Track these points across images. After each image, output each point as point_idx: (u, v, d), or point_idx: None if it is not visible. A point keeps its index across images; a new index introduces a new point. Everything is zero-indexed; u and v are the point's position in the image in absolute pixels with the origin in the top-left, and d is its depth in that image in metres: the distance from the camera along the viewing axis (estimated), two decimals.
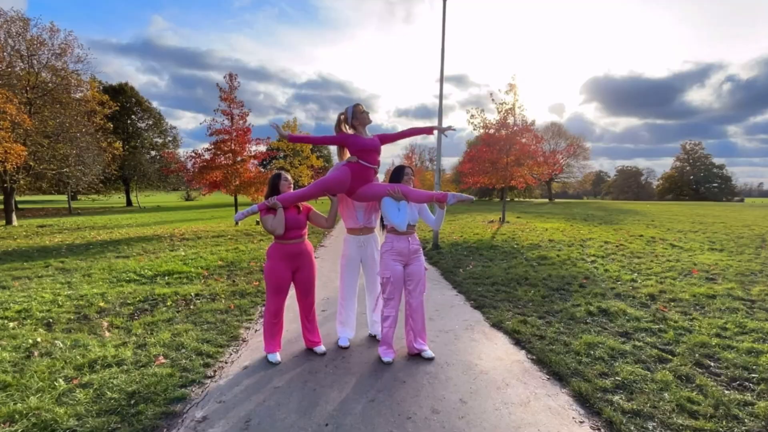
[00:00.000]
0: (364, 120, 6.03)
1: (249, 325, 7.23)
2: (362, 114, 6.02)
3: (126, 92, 64.49)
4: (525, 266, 11.77)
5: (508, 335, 6.69)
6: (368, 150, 5.89)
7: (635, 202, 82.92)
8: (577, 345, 6.05)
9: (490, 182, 25.58)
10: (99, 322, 7.24)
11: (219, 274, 11.06)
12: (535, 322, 7.14)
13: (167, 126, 71.05)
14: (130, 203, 68.18)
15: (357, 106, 6.06)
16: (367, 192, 5.91)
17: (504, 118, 25.02)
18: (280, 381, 5.24)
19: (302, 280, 5.92)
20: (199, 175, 23.58)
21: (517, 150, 24.35)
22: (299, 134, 6.32)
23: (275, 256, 5.74)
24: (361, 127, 6.04)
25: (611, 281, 9.94)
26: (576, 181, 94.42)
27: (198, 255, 13.81)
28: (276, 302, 5.80)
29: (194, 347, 6.07)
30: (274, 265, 5.73)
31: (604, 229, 21.60)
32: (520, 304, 8.23)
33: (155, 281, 10.31)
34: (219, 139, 24.15)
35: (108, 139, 42.69)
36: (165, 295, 8.93)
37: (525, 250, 14.62)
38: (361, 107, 6.06)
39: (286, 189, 5.84)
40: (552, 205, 56.86)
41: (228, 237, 19.10)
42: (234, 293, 9.17)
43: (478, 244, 16.19)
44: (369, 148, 5.90)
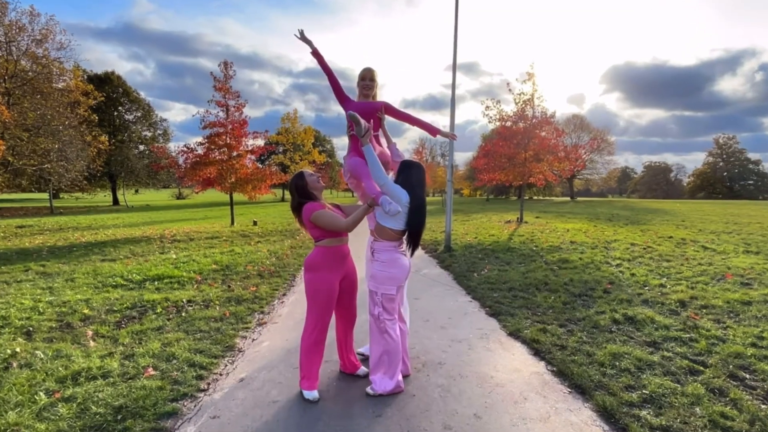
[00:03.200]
0: (361, 90, 5.99)
1: (246, 334, 7.24)
2: (361, 81, 5.96)
3: (112, 82, 64.56)
4: (544, 270, 11.75)
5: (527, 345, 6.69)
6: (362, 114, 5.67)
7: (664, 200, 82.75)
8: (601, 355, 6.04)
9: (506, 179, 25.55)
10: (83, 331, 7.25)
11: (213, 279, 11.06)
12: (556, 330, 7.14)
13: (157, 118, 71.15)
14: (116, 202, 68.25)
15: (363, 70, 5.98)
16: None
17: (522, 109, 25.01)
18: (280, 395, 5.23)
19: (348, 288, 5.50)
20: (192, 172, 23.54)
21: (536, 144, 24.32)
22: (324, 59, 6.07)
23: (324, 265, 5.21)
24: (361, 96, 6.01)
25: (638, 286, 9.90)
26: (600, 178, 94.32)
27: (190, 258, 13.83)
28: (325, 323, 5.22)
29: (186, 358, 6.07)
30: (324, 276, 5.19)
31: (631, 230, 21.55)
32: (540, 311, 8.23)
33: (144, 286, 10.32)
34: (213, 132, 24.16)
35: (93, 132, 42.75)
36: (154, 301, 8.94)
37: (544, 252, 14.60)
38: (364, 74, 5.96)
39: (318, 185, 5.36)
40: (574, 204, 56.74)
41: (223, 238, 19.14)
42: (229, 300, 9.16)
43: (493, 246, 16.17)
44: (362, 112, 5.74)
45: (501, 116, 25.55)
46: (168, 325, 7.52)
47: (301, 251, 15.28)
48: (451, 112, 15.55)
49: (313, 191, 5.30)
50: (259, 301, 9.07)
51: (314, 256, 5.22)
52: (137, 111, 68.35)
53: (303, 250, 15.56)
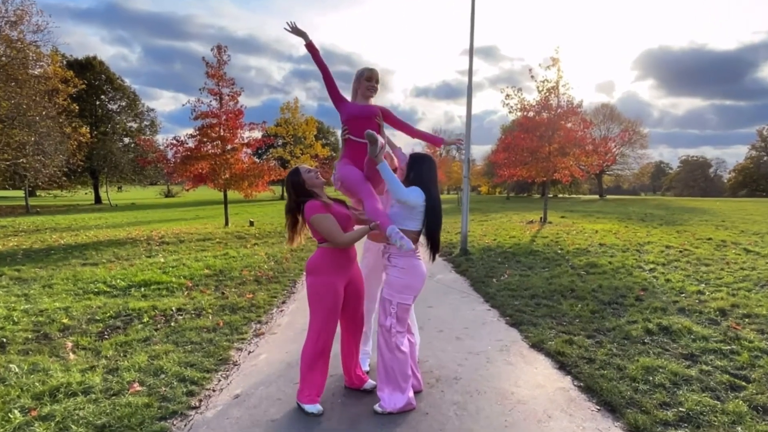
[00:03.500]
0: (363, 91, 5.97)
1: (241, 346, 7.26)
2: (366, 82, 5.97)
3: (94, 68, 64.71)
4: (570, 275, 11.76)
5: (551, 358, 6.69)
6: (359, 117, 5.79)
7: (702, 198, 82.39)
8: (633, 369, 6.03)
9: (528, 175, 25.55)
10: (62, 342, 7.28)
11: (205, 285, 11.11)
12: (583, 342, 7.13)
13: (143, 108, 71.32)
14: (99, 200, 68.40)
15: (369, 71, 5.97)
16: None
17: (545, 98, 25.00)
18: (279, 413, 5.23)
19: (354, 295, 5.48)
20: (182, 167, 23.53)
21: (561, 136, 24.29)
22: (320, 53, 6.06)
23: (328, 268, 5.19)
24: (362, 97, 5.99)
25: (674, 293, 9.88)
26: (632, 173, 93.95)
27: (180, 262, 13.88)
28: (330, 331, 5.19)
29: (176, 372, 6.08)
30: (328, 280, 5.15)
31: (665, 231, 21.51)
32: (565, 321, 8.23)
33: (129, 293, 10.35)
34: (205, 123, 24.19)
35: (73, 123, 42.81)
36: (141, 309, 8.95)
37: (571, 256, 14.60)
38: (370, 75, 5.96)
39: (316, 182, 5.30)
40: (603, 203, 56.65)
41: (216, 240, 19.21)
42: (223, 308, 9.19)
43: (514, 249, 16.19)
44: (360, 116, 5.79)
45: (522, 106, 25.52)
46: (155, 336, 7.53)
47: (302, 254, 15.31)
48: (468, 101, 15.55)
49: (312, 189, 5.27)
50: (256, 310, 9.09)
51: (317, 258, 5.19)
52: (122, 100, 68.54)
53: (304, 253, 15.57)
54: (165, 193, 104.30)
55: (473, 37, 15.55)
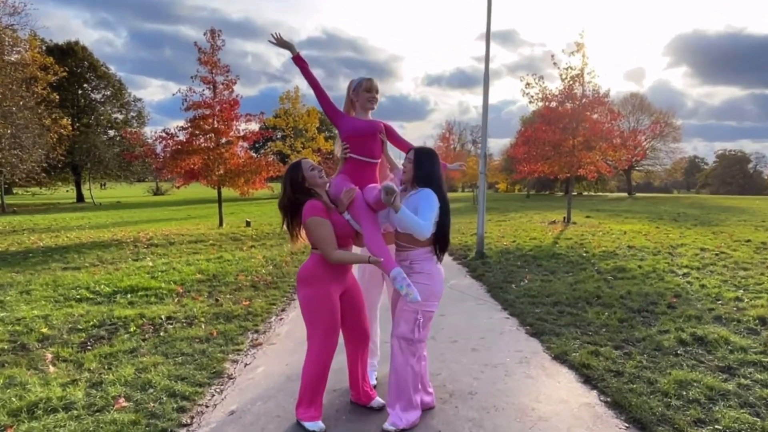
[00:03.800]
0: (363, 103, 5.92)
1: (237, 358, 7.27)
2: (366, 93, 5.91)
3: (76, 54, 64.84)
4: (597, 281, 11.75)
5: (575, 371, 6.68)
6: (362, 135, 5.76)
7: (740, 197, 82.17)
8: (664, 383, 6.03)
9: (551, 171, 25.51)
10: (41, 354, 7.28)
11: (198, 292, 11.14)
12: (610, 353, 7.12)
13: (130, 98, 71.51)
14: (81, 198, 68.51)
15: (368, 81, 5.91)
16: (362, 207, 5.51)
17: (569, 87, 24.97)
18: (277, 430, 5.22)
19: (352, 304, 5.43)
20: (172, 162, 23.56)
21: (586, 129, 24.25)
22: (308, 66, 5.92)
23: (322, 276, 5.13)
24: (361, 110, 5.95)
25: (709, 300, 9.88)
26: (663, 169, 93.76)
27: (170, 266, 13.91)
28: (332, 345, 5.13)
29: (165, 386, 6.07)
30: (322, 291, 5.10)
31: (700, 232, 21.49)
32: (591, 331, 8.23)
33: (114, 300, 10.39)
34: (197, 114, 24.23)
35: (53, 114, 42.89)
36: (127, 318, 8.96)
37: (597, 259, 14.60)
38: (370, 85, 5.91)
39: (319, 181, 5.21)
40: (632, 201, 56.51)
41: (209, 242, 19.27)
42: (217, 316, 9.21)
43: (535, 252, 16.20)
44: (363, 133, 5.77)
45: (544, 95, 25.49)
46: (143, 347, 7.53)
47: (304, 257, 15.20)
48: (484, 90, 15.54)
49: (313, 188, 5.20)
50: (253, 318, 9.10)
51: (310, 266, 5.17)
52: (106, 89, 68.66)
53: (306, 256, 15.24)
54: (153, 191, 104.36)
55: (490, 21, 15.53)
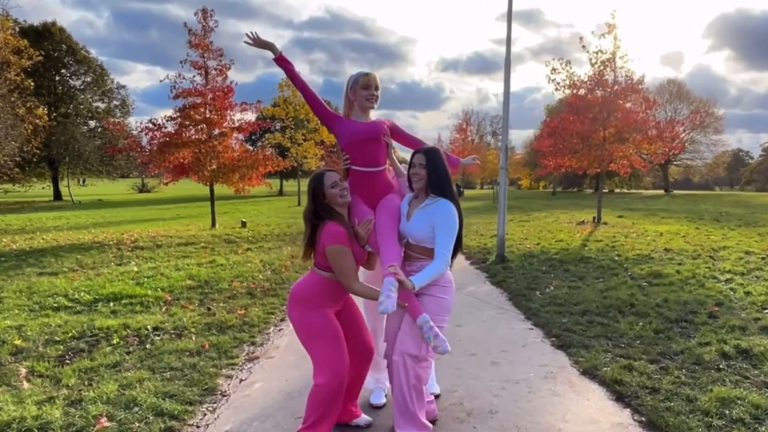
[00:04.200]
0: (361, 102, 5.68)
1: (231, 373, 7.26)
2: (363, 91, 5.66)
3: (54, 36, 64.90)
4: (630, 287, 11.73)
5: (606, 387, 6.67)
6: (363, 141, 5.59)
7: None
8: (705, 401, 6.02)
9: (579, 166, 25.49)
10: (14, 369, 7.27)
11: (188, 299, 11.16)
12: (645, 368, 7.10)
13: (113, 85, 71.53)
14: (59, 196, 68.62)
15: (365, 76, 5.67)
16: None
17: (599, 72, 24.92)
18: None
19: (350, 319, 5.42)
20: (159, 156, 23.50)
21: (618, 119, 24.23)
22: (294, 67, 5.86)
23: (320, 300, 5.13)
24: (360, 110, 5.74)
25: (755, 309, 9.85)
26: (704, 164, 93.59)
27: (157, 271, 13.95)
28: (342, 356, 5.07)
29: (152, 404, 6.05)
30: (319, 311, 5.09)
31: (745, 233, 21.45)
32: (623, 343, 8.21)
33: (95, 309, 10.40)
34: (188, 103, 24.23)
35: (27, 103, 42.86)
36: (109, 328, 8.95)
37: (630, 263, 14.59)
38: (367, 81, 5.66)
39: (339, 201, 5.13)
40: (669, 199, 56.41)
41: (200, 245, 19.33)
42: (209, 327, 9.21)
43: (562, 255, 16.22)
44: (364, 138, 5.59)
45: (572, 82, 25.47)
46: (128, 361, 7.52)
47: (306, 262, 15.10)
48: (506, 76, 15.55)
49: (333, 206, 5.13)
50: (249, 329, 9.10)
51: (309, 285, 5.16)
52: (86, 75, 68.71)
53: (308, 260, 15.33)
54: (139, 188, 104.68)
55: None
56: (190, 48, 24.69)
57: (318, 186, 5.07)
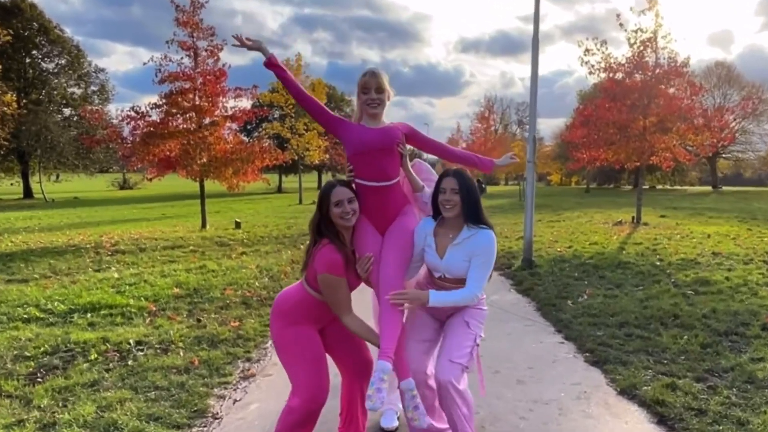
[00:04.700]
0: (362, 107, 5.47)
1: (224, 392, 7.26)
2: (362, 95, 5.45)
3: (23, 13, 64.92)
4: (673, 296, 11.72)
5: (647, 408, 6.66)
6: (370, 151, 5.31)
7: None
8: (758, 424, 6.00)
9: (616, 159, 25.46)
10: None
11: (175, 310, 11.16)
12: (691, 386, 7.08)
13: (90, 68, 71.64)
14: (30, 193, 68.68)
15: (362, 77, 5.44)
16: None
17: (639, 54, 24.87)
18: None
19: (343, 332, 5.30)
20: (143, 148, 23.48)
21: (660, 106, 24.17)
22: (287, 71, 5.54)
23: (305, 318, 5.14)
24: (366, 116, 5.50)
25: None
26: (757, 157, 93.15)
27: (140, 278, 13.96)
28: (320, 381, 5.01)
29: (134, 428, 6.05)
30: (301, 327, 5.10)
31: None
32: (666, 358, 8.20)
33: (70, 321, 10.39)
34: (175, 88, 24.19)
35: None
36: (87, 343, 8.94)
37: (673, 269, 14.57)
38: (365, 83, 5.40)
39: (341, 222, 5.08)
40: (717, 196, 56.30)
41: (189, 249, 19.38)
42: (199, 340, 9.20)
43: (596, 260, 16.21)
44: (371, 147, 5.31)
45: (608, 64, 25.42)
46: (107, 379, 7.51)
47: None
48: (533, 58, 15.55)
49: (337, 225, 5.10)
50: (244, 343, 9.10)
51: (295, 300, 5.16)
52: (60, 57, 68.82)
53: None
54: (120, 184, 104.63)
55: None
56: (177, 26, 24.68)
57: (326, 193, 5.05)
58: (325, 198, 5.02)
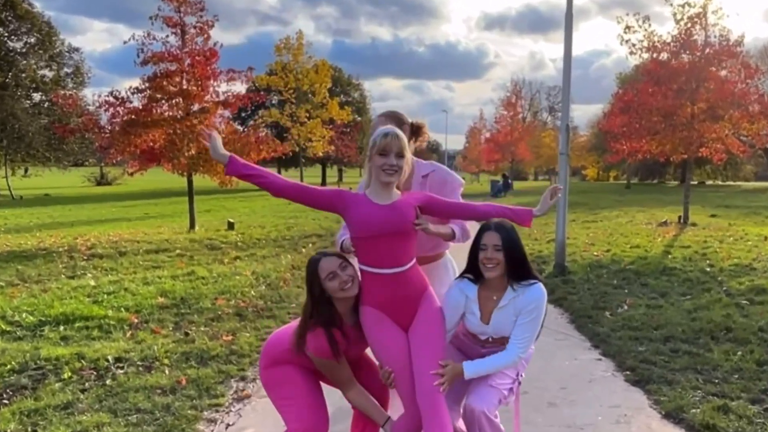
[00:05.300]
0: (376, 174, 4.86)
1: (215, 416, 7.24)
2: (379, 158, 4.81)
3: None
4: (726, 306, 11.67)
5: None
6: (377, 236, 4.81)
7: None
8: None
9: (660, 151, 25.42)
10: None
11: (159, 322, 11.15)
12: (745, 409, 7.03)
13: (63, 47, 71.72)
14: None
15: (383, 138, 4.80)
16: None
17: (687, 31, 24.82)
18: None
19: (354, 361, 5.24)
20: (123, 138, 23.38)
21: (711, 91, 24.10)
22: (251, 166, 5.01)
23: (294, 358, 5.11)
24: (378, 184, 4.91)
25: None
26: None
27: (120, 286, 13.92)
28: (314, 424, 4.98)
29: None
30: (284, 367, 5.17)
31: None
32: (717, 377, 8.16)
33: (41, 334, 10.36)
34: (159, 71, 24.15)
35: None
36: (59, 359, 8.88)
37: (726, 276, 14.56)
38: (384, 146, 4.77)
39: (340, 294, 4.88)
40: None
41: (176, 252, 19.43)
42: (187, 357, 9.18)
43: (638, 266, 16.19)
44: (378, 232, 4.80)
45: (651, 43, 25.37)
46: (82, 401, 7.46)
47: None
48: (566, 36, 15.55)
49: (335, 296, 4.90)
50: (238, 360, 9.07)
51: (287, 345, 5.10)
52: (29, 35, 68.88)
53: None
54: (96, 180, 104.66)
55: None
56: (161, 1, 24.66)
57: (311, 276, 4.90)
58: (314, 277, 4.86)
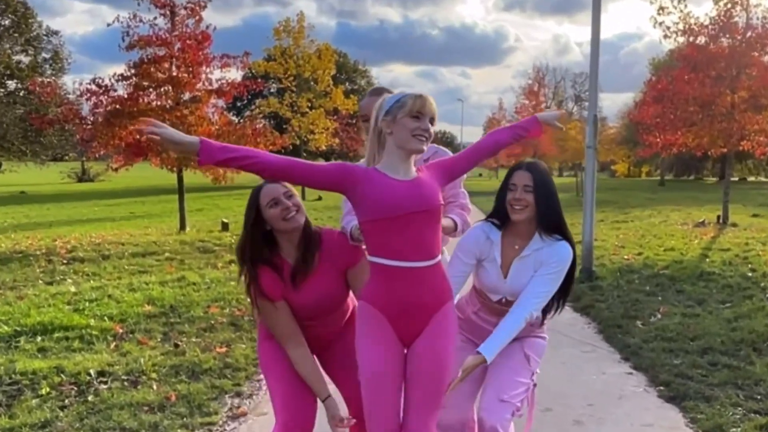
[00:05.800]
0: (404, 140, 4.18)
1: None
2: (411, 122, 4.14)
3: None
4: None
5: None
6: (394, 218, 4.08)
7: None
8: None
9: (697, 144, 25.40)
10: None
11: (146, 332, 11.13)
12: None
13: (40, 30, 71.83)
14: None
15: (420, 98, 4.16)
16: None
17: (726, 13, 24.74)
18: None
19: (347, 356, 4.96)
20: (107, 130, 23.34)
21: (753, 78, 24.06)
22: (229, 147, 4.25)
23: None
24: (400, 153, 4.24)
25: None
26: None
27: (104, 293, 13.92)
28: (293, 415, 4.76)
29: None
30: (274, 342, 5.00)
31: None
32: (760, 393, 8.14)
33: (16, 346, 10.33)
34: (147, 56, 24.12)
35: None
36: (36, 373, 8.85)
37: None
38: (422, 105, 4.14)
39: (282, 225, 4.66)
40: None
41: (164, 256, 19.44)
42: (177, 370, 9.15)
43: (673, 270, 16.17)
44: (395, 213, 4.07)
45: (687, 26, 25.31)
46: (62, 419, 7.43)
47: None
48: (594, 18, 15.55)
49: (277, 233, 4.80)
50: (233, 374, 9.06)
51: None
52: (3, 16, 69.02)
53: None
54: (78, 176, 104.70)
55: None
56: None
57: (251, 205, 4.75)
58: (253, 204, 4.70)
